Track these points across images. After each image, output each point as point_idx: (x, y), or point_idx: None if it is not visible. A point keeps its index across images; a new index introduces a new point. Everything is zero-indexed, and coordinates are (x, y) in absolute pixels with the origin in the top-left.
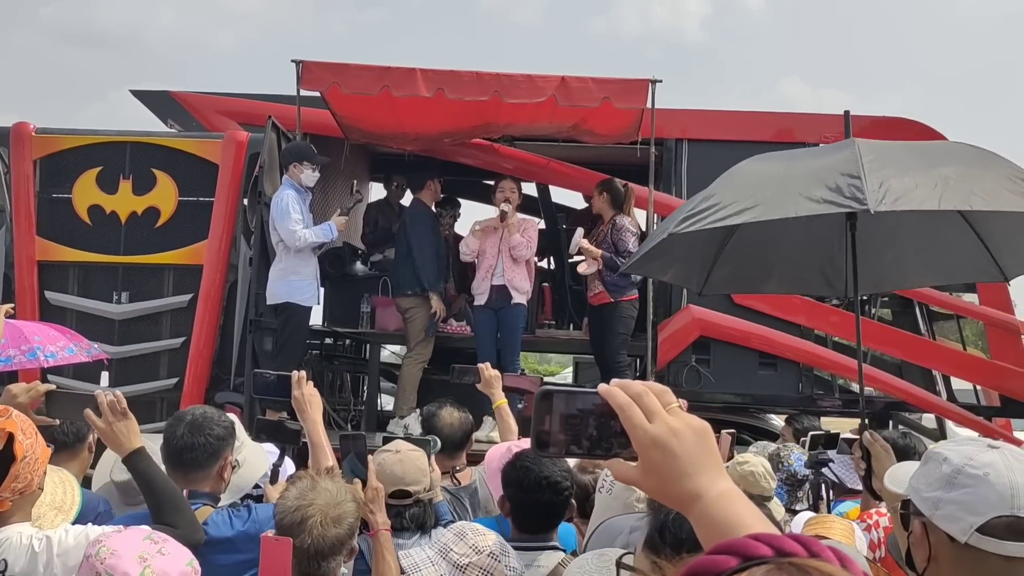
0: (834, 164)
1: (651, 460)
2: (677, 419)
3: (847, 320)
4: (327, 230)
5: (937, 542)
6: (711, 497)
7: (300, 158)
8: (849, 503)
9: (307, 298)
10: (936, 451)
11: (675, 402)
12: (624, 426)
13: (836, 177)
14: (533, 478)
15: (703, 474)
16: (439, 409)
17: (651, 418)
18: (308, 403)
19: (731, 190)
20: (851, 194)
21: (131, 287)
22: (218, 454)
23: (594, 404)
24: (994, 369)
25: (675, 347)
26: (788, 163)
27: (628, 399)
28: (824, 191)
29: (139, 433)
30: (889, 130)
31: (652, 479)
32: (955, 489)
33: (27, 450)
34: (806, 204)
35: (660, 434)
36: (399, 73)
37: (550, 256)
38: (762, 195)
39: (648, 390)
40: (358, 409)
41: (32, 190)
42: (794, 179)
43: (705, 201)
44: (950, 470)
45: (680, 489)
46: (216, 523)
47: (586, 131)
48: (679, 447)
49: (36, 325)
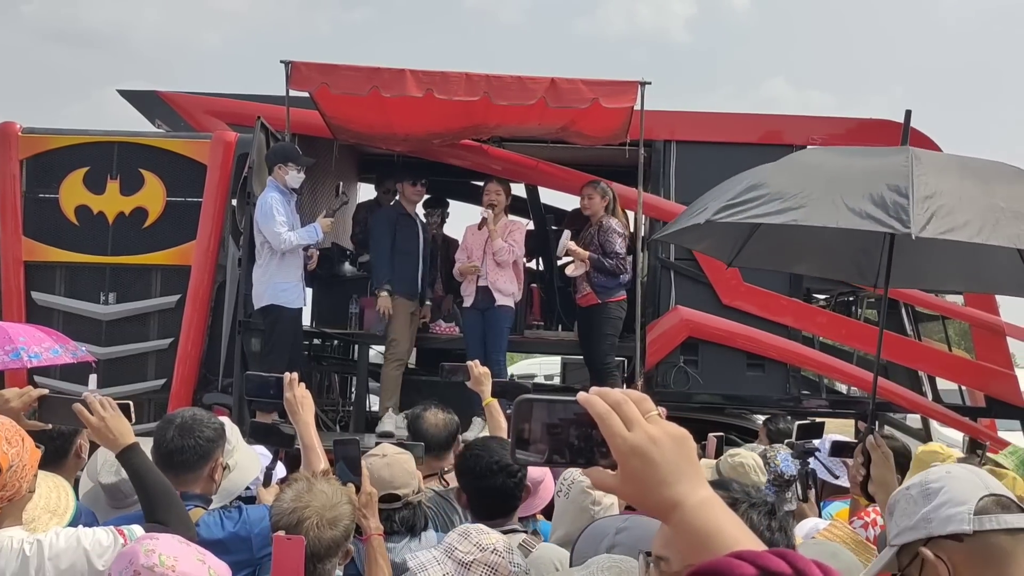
0: (884, 171)
1: (630, 468)
2: (656, 427)
3: (834, 321)
4: (312, 232)
5: (949, 553)
6: (690, 505)
7: (285, 159)
8: (838, 503)
9: (293, 300)
10: (893, 497)
11: (654, 410)
12: (604, 435)
13: (883, 189)
14: (485, 464)
15: (683, 482)
16: (424, 411)
17: (630, 426)
18: (300, 405)
19: (781, 181)
20: (895, 213)
21: (118, 288)
22: (208, 456)
23: (575, 413)
24: (979, 370)
25: (663, 348)
26: (843, 160)
27: (607, 408)
28: (869, 204)
29: (131, 430)
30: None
31: (631, 487)
32: (932, 498)
33: (12, 459)
34: (847, 215)
35: (639, 442)
36: (388, 74)
37: (538, 257)
38: (807, 195)
39: (627, 398)
40: (346, 410)
41: (18, 190)
42: (842, 182)
43: (753, 190)
44: (917, 492)
45: (660, 497)
46: (207, 525)
47: (575, 132)
48: (658, 455)
49: (21, 326)
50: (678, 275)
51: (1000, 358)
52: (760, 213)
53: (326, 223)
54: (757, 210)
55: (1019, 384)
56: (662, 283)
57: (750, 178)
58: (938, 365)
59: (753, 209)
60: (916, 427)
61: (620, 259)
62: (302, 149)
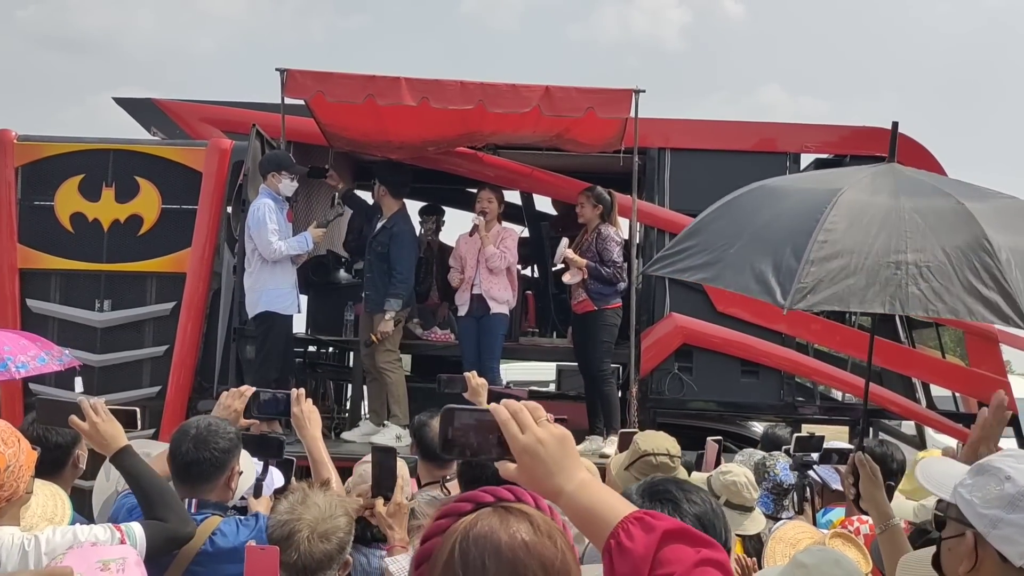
0: (797, 228)
1: (523, 463)
2: (544, 430)
3: (828, 328)
4: (302, 241)
5: (986, 557)
6: (570, 490)
7: (278, 167)
8: (838, 510)
9: (286, 307)
10: (996, 466)
11: (544, 416)
12: (504, 436)
13: (786, 251)
14: (490, 473)
15: (563, 473)
16: (430, 419)
17: (524, 430)
18: (308, 420)
19: (716, 228)
20: (783, 280)
21: (113, 295)
22: (224, 466)
23: (487, 420)
24: (973, 377)
25: (658, 355)
26: (783, 204)
27: (508, 415)
28: (769, 268)
29: (123, 433)
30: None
31: (525, 477)
32: (1018, 512)
33: (10, 459)
34: (747, 281)
35: (529, 443)
36: (383, 82)
37: (533, 264)
38: (726, 252)
39: (523, 408)
40: (341, 417)
41: (13, 197)
42: (760, 240)
43: (689, 238)
44: (1015, 491)
45: (547, 485)
46: (224, 533)
47: (570, 140)
48: (544, 452)
49: (5, 334)
50: (672, 282)
51: (993, 365)
52: (683, 267)
53: (317, 233)
54: (682, 264)
55: (1012, 390)
56: (657, 290)
57: (702, 217)
58: (931, 371)
59: (681, 263)
60: (911, 434)
61: (618, 267)
62: (298, 157)
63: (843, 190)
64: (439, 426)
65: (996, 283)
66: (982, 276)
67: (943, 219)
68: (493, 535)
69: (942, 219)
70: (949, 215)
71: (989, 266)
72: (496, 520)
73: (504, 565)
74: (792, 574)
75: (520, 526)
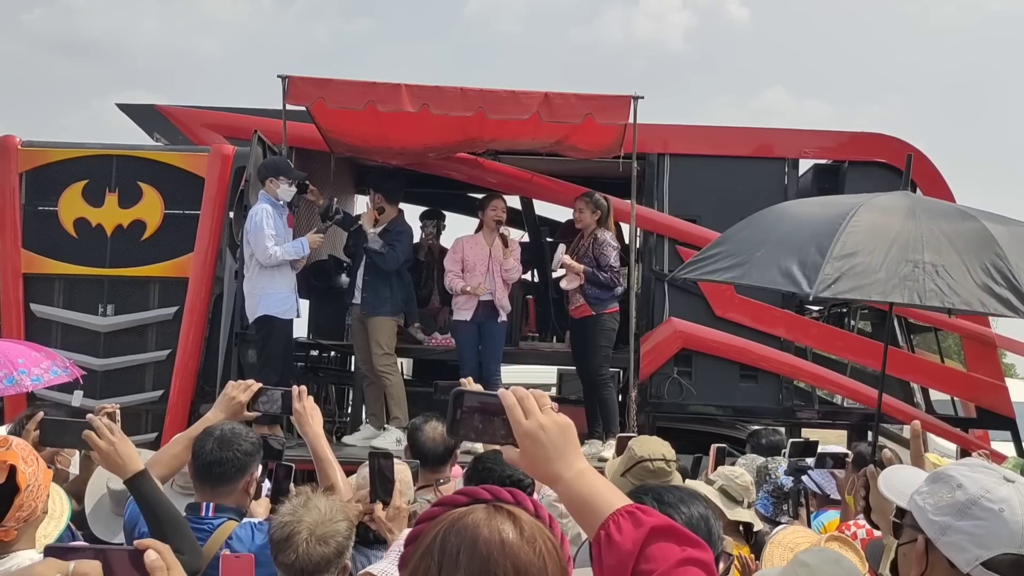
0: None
1: (525, 448)
2: (547, 417)
3: (827, 333)
4: (298, 247)
5: (935, 562)
6: (568, 477)
7: (277, 173)
8: (830, 513)
9: (285, 311)
10: (949, 474)
11: (548, 404)
12: (509, 421)
13: (811, 249)
14: (497, 477)
15: (563, 460)
16: (424, 423)
17: (528, 416)
18: (310, 416)
19: (741, 237)
20: (808, 273)
21: (116, 300)
22: (245, 469)
23: (495, 403)
24: (971, 381)
25: (657, 359)
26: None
27: (514, 401)
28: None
29: (138, 454)
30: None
31: (526, 461)
32: (967, 519)
33: (30, 479)
34: (773, 275)
35: (531, 428)
36: (384, 88)
37: (533, 269)
38: (754, 254)
39: (529, 394)
40: (343, 420)
41: (18, 203)
42: (788, 242)
43: (717, 246)
44: (964, 498)
45: (547, 470)
46: (240, 538)
47: (569, 147)
48: (545, 438)
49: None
50: (672, 287)
51: (991, 369)
52: (712, 270)
53: (315, 240)
54: (710, 267)
55: (1009, 395)
56: (656, 295)
57: (727, 231)
58: (930, 376)
59: (709, 266)
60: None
61: (615, 272)
62: (300, 162)
63: (863, 203)
64: (449, 408)
65: (1007, 280)
66: (993, 275)
67: (957, 228)
68: (475, 529)
69: (956, 228)
70: (963, 227)
71: (1000, 267)
72: (483, 516)
73: (476, 560)
74: (794, 572)
75: (504, 526)
